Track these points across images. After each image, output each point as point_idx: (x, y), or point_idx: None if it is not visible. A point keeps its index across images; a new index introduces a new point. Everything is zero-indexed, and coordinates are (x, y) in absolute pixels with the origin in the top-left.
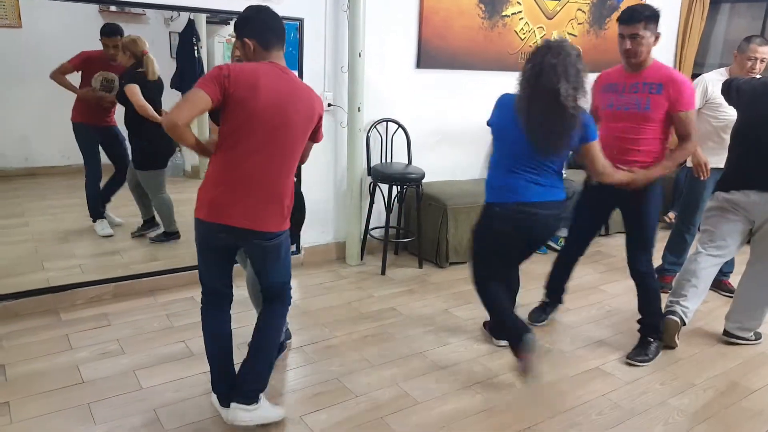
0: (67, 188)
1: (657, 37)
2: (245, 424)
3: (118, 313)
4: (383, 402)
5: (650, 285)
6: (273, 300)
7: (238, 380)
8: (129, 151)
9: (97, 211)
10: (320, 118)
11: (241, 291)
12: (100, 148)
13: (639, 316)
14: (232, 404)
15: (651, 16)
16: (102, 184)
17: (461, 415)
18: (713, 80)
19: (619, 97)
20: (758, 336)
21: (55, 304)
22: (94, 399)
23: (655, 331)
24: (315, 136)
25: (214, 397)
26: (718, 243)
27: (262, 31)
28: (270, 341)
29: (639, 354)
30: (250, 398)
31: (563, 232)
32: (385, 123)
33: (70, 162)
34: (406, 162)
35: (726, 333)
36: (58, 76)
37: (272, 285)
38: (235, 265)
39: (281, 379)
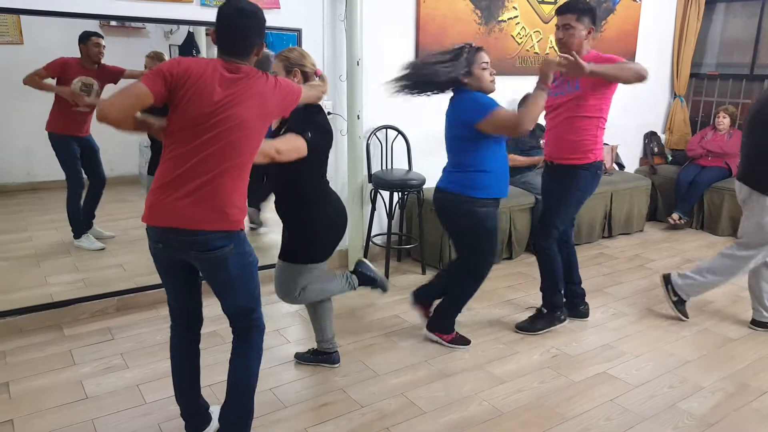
0: None
1: (590, 32)
2: None
3: (121, 327)
4: (389, 412)
5: (541, 259)
6: (239, 332)
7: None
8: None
9: (80, 228)
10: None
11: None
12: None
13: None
14: None
15: (584, 10)
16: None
17: (469, 423)
18: None
19: (554, 87)
20: None
21: (59, 318)
22: (98, 415)
23: (546, 305)
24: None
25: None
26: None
27: (218, 29)
28: (242, 382)
29: (525, 323)
30: None
31: None
32: (384, 130)
33: None
34: (407, 168)
35: (753, 322)
36: (34, 79)
37: (233, 311)
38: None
39: (285, 391)
